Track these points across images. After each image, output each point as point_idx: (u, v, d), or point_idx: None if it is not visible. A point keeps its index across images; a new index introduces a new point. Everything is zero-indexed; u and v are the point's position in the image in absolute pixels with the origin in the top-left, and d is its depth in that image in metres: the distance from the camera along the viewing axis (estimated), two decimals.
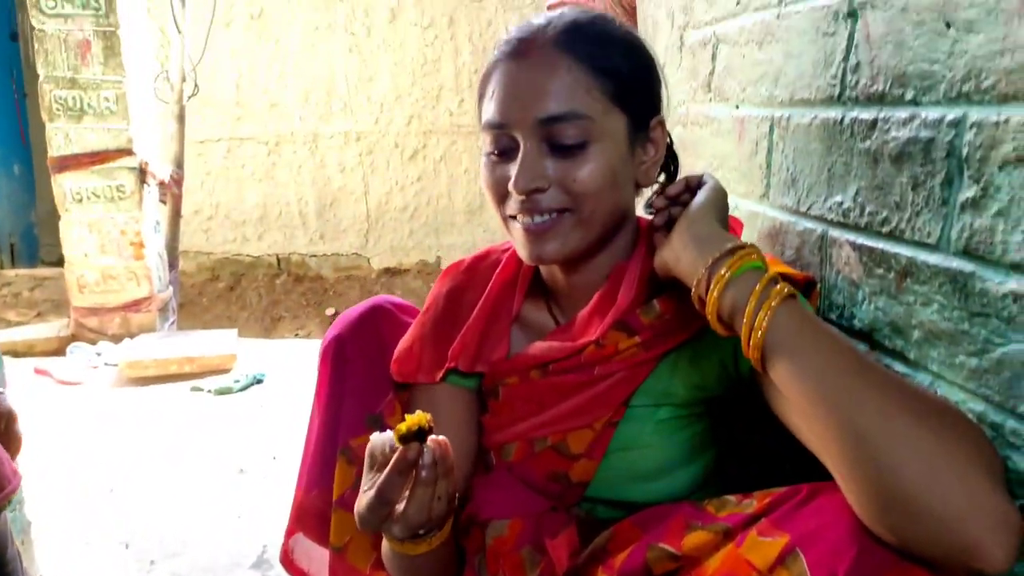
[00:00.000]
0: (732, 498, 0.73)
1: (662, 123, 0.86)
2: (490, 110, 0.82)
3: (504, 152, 0.82)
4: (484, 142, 0.85)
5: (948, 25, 0.65)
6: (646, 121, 0.84)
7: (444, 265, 4.94)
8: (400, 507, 0.71)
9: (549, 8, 2.27)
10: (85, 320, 3.39)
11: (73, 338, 3.37)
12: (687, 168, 1.29)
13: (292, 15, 4.56)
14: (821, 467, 0.63)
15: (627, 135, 0.82)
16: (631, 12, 1.64)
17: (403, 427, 0.69)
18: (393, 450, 0.70)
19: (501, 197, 0.83)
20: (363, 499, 0.71)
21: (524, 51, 0.81)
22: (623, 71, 0.81)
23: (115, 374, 2.97)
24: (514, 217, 0.83)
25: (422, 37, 4.65)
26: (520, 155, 0.79)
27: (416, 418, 0.69)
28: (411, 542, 0.76)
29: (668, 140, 0.88)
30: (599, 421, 0.84)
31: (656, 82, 0.87)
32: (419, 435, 0.68)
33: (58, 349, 3.32)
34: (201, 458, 2.16)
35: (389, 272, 4.90)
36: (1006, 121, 0.60)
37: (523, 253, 0.84)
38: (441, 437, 0.71)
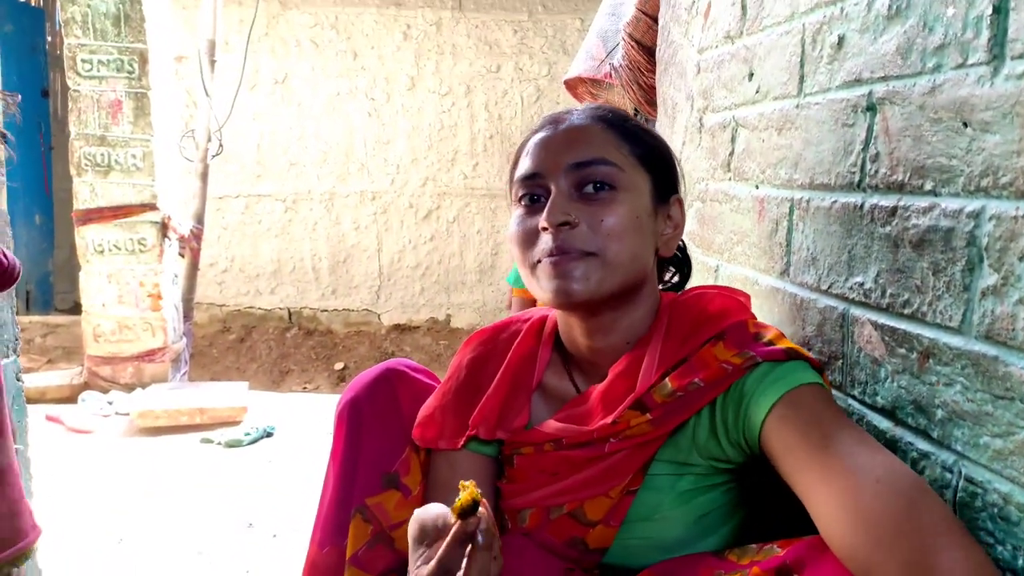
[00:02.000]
0: (753, 546, 0.75)
1: (680, 202, 0.94)
2: (524, 165, 0.90)
3: (535, 203, 0.88)
4: (515, 202, 0.91)
5: (965, 124, 0.70)
6: (667, 194, 0.92)
7: (454, 323, 5.00)
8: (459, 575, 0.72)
9: (565, 82, 2.36)
10: (98, 369, 3.42)
11: (85, 386, 3.39)
12: (707, 240, 1.33)
13: (315, 81, 4.74)
14: None
15: (651, 195, 0.89)
16: (649, 91, 1.72)
17: (459, 504, 0.71)
18: (447, 524, 0.72)
19: (529, 243, 0.87)
20: (421, 572, 0.73)
21: (558, 121, 0.91)
22: (647, 142, 0.91)
23: (126, 423, 2.98)
24: (540, 261, 0.86)
25: (440, 104, 4.81)
26: (552, 196, 0.85)
27: (469, 493, 0.71)
28: None
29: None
30: (614, 490, 0.86)
31: (674, 165, 0.95)
32: (475, 507, 0.71)
33: (70, 397, 3.34)
34: (210, 511, 2.16)
35: (399, 328, 4.93)
36: None
37: (548, 293, 0.85)
38: (486, 508, 0.73)
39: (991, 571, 0.58)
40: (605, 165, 0.86)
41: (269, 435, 2.86)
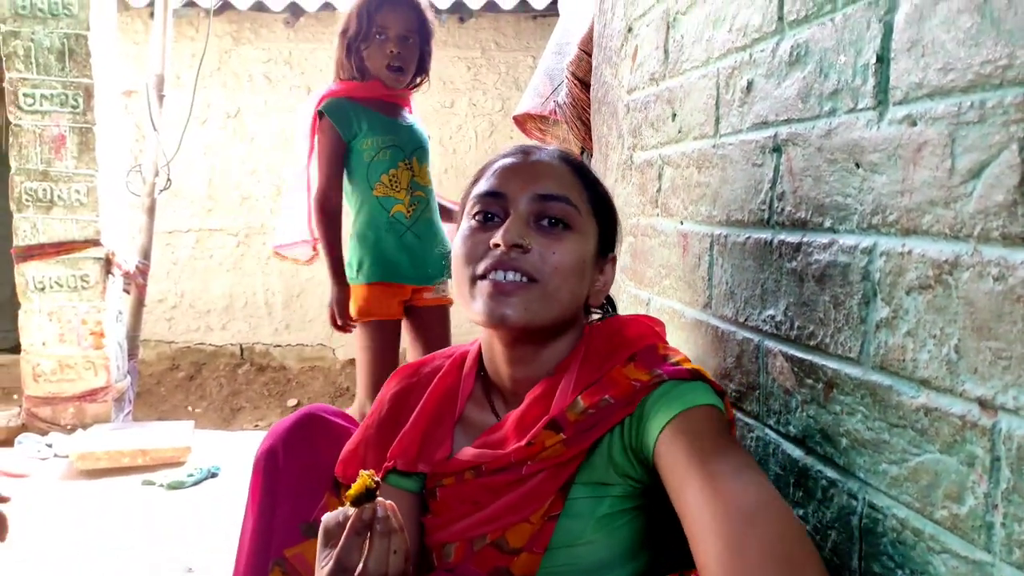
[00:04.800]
0: None
1: (614, 260, 0.97)
2: (487, 182, 0.91)
3: (488, 221, 0.89)
4: (469, 215, 0.91)
5: (857, 165, 0.74)
6: (606, 250, 0.95)
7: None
8: (359, 569, 0.71)
9: (514, 118, 2.40)
10: (38, 410, 3.30)
11: (23, 428, 3.27)
12: (639, 274, 1.36)
13: (268, 115, 4.72)
14: None
15: (596, 246, 0.92)
16: (589, 126, 1.76)
17: (353, 491, 0.70)
18: (347, 518, 0.72)
19: (474, 256, 0.88)
20: (322, 573, 0.72)
21: (529, 152, 0.93)
22: (602, 195, 0.95)
23: (65, 466, 2.87)
24: (482, 277, 0.87)
25: None
26: (511, 218, 0.87)
27: (362, 480, 0.70)
28: None
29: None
30: (535, 514, 0.86)
31: (617, 224, 0.98)
32: (369, 495, 0.70)
33: (6, 440, 3.21)
34: (148, 556, 2.09)
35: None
36: (909, 252, 0.67)
37: (482, 314, 0.86)
38: (388, 502, 0.74)
39: None
40: (568, 204, 0.89)
41: (214, 475, 2.78)
